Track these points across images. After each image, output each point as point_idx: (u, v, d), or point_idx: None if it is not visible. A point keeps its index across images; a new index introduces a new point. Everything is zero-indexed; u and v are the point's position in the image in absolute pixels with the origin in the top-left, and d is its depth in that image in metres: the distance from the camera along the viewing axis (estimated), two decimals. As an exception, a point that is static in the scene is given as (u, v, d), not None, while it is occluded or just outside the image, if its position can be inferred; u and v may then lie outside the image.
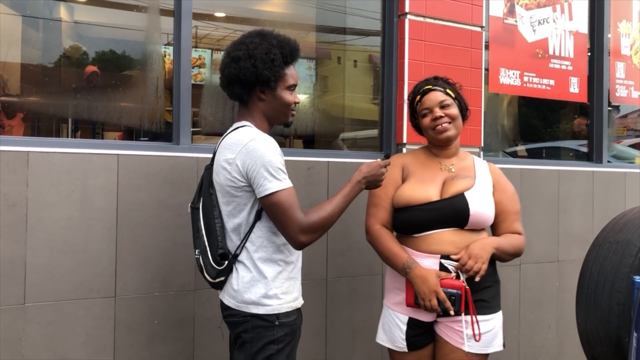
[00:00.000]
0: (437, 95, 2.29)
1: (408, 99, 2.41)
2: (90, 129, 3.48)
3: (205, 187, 2.09)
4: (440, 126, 2.26)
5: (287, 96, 2.07)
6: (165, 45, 3.22)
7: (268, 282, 1.96)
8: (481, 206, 2.20)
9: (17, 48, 3.17)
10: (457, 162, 2.34)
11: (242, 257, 1.99)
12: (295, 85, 2.10)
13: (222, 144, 2.04)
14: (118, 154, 2.50)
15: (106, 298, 2.46)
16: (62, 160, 2.39)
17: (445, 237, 2.18)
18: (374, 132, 3.55)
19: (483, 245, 2.16)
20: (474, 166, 2.34)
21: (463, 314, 2.13)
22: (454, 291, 2.12)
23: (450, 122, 2.27)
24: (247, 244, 1.98)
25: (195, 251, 2.09)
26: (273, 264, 1.99)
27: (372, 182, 2.12)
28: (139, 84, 3.21)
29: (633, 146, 5.28)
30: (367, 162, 2.13)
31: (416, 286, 2.17)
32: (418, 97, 2.34)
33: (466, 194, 2.20)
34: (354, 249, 3.09)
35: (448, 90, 2.32)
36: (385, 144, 3.36)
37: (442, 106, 2.28)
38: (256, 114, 2.07)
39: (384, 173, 2.14)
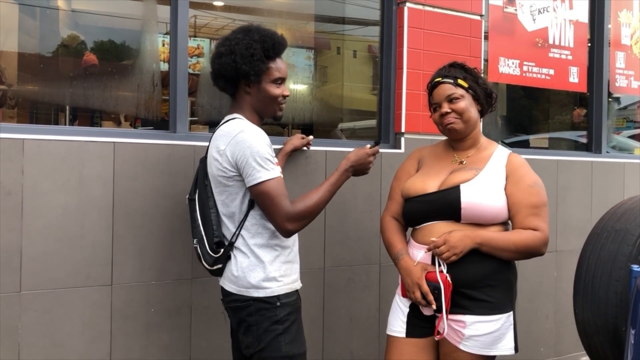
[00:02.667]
0: (445, 89, 2.21)
1: (427, 89, 2.33)
2: (89, 118, 3.47)
3: (201, 178, 2.17)
4: (446, 121, 2.21)
5: (273, 89, 2.13)
6: (165, 34, 3.20)
7: (266, 266, 2.03)
8: (477, 198, 2.10)
9: (14, 36, 3.15)
10: (475, 153, 2.25)
11: (239, 244, 2.06)
12: (282, 79, 2.15)
13: (215, 135, 2.11)
14: (114, 142, 2.49)
15: (103, 286, 2.46)
16: (58, 148, 2.38)
17: (440, 229, 2.14)
18: (372, 123, 3.54)
19: (463, 237, 2.07)
20: (490, 158, 2.22)
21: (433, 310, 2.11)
22: (438, 285, 2.06)
23: (457, 117, 2.19)
24: (243, 232, 2.06)
25: (193, 241, 2.16)
26: (269, 249, 2.06)
27: (360, 170, 2.21)
28: (135, 72, 3.19)
29: (632, 137, 5.27)
30: (356, 150, 2.20)
31: (402, 277, 2.20)
32: (430, 90, 2.30)
33: (462, 186, 2.12)
34: (352, 238, 3.09)
35: (460, 81, 2.21)
36: (384, 133, 3.34)
37: (450, 100, 2.20)
38: (245, 107, 2.14)
39: (371, 161, 2.21)
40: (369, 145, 2.21)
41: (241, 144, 1.98)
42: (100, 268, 2.45)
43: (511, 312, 2.15)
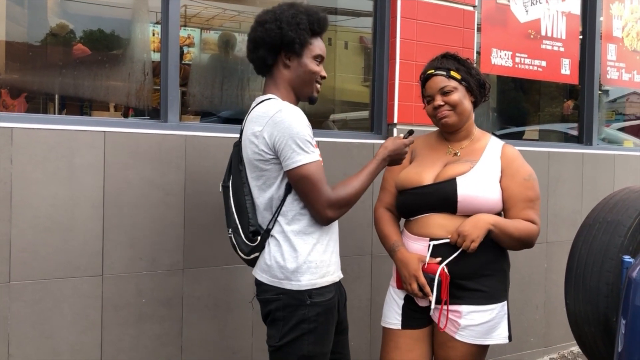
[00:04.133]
0: (437, 82, 2.19)
1: (420, 81, 2.31)
2: (79, 107, 3.43)
3: (235, 164, 2.05)
4: (439, 114, 2.19)
5: (313, 65, 2.04)
6: (155, 23, 3.17)
7: (300, 255, 1.93)
8: (473, 191, 2.10)
9: (2, 25, 3.10)
10: (468, 145, 2.24)
11: (275, 231, 1.96)
12: (322, 57, 2.08)
13: (249, 117, 1.99)
14: (105, 131, 2.46)
15: (93, 277, 2.44)
16: (48, 137, 2.35)
17: (436, 221, 2.14)
18: (365, 114, 3.53)
19: (476, 222, 2.07)
20: (484, 149, 2.22)
21: (432, 302, 2.09)
22: (435, 277, 2.06)
23: (450, 110, 2.18)
24: (279, 218, 1.95)
25: (228, 230, 2.06)
26: (307, 237, 1.95)
27: (395, 159, 2.13)
28: (126, 62, 3.16)
29: (622, 130, 5.30)
30: (392, 139, 2.13)
31: (398, 269, 2.18)
32: (423, 82, 2.27)
33: (458, 178, 2.11)
34: (344, 229, 3.06)
35: (453, 73, 2.19)
36: (376, 124, 3.33)
37: (443, 92, 2.18)
38: (281, 84, 2.03)
39: (407, 152, 2.15)
40: (402, 135, 2.16)
41: (280, 124, 1.87)
42: (90, 258, 2.43)
43: (505, 302, 2.17)
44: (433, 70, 2.22)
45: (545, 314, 3.95)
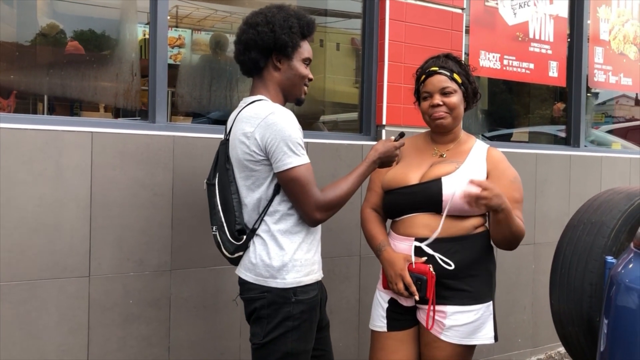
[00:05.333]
0: (440, 81, 2.18)
1: (416, 74, 2.30)
2: (67, 108, 3.42)
3: (222, 162, 2.06)
4: (436, 114, 2.19)
5: (302, 68, 2.07)
6: (146, 24, 3.17)
7: (286, 254, 1.95)
8: (458, 191, 2.08)
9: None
10: (454, 147, 2.25)
11: (260, 230, 1.98)
12: (310, 60, 2.10)
13: (239, 117, 2.00)
14: (92, 132, 2.46)
15: (80, 277, 2.43)
16: (35, 138, 2.35)
17: (422, 221, 2.15)
18: (354, 115, 3.54)
19: (501, 194, 1.98)
20: (470, 151, 2.23)
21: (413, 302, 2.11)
22: (421, 276, 2.07)
23: (447, 112, 2.18)
24: (266, 217, 1.97)
25: (212, 228, 2.07)
26: (293, 236, 1.97)
27: (386, 162, 2.14)
28: (115, 62, 3.15)
29: (611, 132, 5.34)
30: (382, 141, 2.14)
31: (384, 269, 2.19)
32: (423, 77, 2.24)
33: (443, 178, 2.13)
34: (332, 230, 3.09)
35: (455, 76, 2.19)
36: (365, 126, 3.35)
37: (444, 93, 2.18)
38: (271, 86, 2.05)
39: (397, 154, 2.15)
40: (393, 138, 2.17)
41: (272, 126, 1.88)
42: (77, 259, 2.43)
43: (491, 302, 2.18)
44: (437, 68, 2.21)
45: (532, 314, 3.98)
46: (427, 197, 2.14)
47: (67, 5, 3.38)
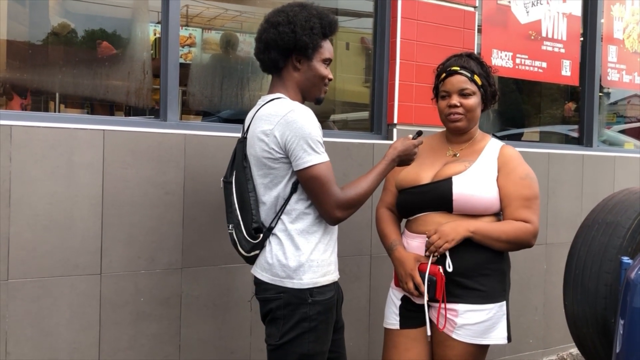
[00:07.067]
0: (460, 81, 2.16)
1: (436, 70, 2.29)
2: (79, 106, 3.44)
3: (239, 160, 2.04)
4: (452, 115, 2.18)
5: (322, 69, 2.05)
6: (157, 23, 3.17)
7: (302, 254, 1.93)
8: (468, 190, 2.10)
9: (3, 24, 3.11)
10: (468, 146, 2.24)
11: (277, 229, 1.96)
12: (330, 60, 2.08)
13: (257, 115, 1.99)
14: (104, 130, 2.46)
15: (92, 275, 2.44)
16: (47, 135, 2.35)
17: (434, 219, 2.15)
18: (365, 114, 3.53)
19: (456, 226, 2.08)
20: (482, 150, 2.21)
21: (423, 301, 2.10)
22: (431, 277, 2.06)
23: (463, 114, 2.17)
24: (283, 216, 1.95)
25: (228, 226, 2.05)
26: (310, 236, 1.96)
27: (405, 160, 2.13)
28: (126, 61, 3.16)
29: (623, 132, 5.30)
30: (401, 140, 2.12)
31: (395, 268, 2.19)
32: (444, 75, 2.22)
33: (454, 177, 2.12)
34: (343, 230, 3.05)
35: (475, 77, 2.17)
36: (376, 125, 3.33)
37: (462, 94, 2.17)
38: (290, 85, 2.04)
39: (416, 152, 2.14)
40: (411, 136, 2.15)
41: (292, 124, 1.88)
42: (89, 257, 2.43)
43: (504, 302, 2.16)
44: (458, 68, 2.19)
45: (544, 315, 3.95)
46: (437, 197, 2.14)
47: (79, 4, 3.39)
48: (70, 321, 2.39)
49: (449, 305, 2.10)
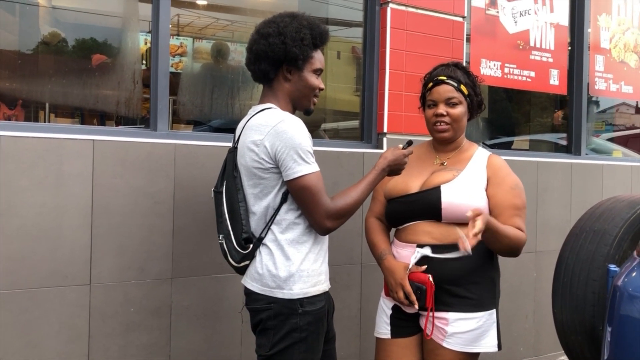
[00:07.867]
0: (446, 90, 2.18)
1: (423, 79, 2.30)
2: (69, 116, 3.43)
3: (229, 170, 2.04)
4: (438, 125, 2.20)
5: (313, 79, 2.05)
6: (147, 33, 3.18)
7: (293, 264, 1.93)
8: (457, 199, 2.11)
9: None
10: (455, 155, 2.25)
11: (267, 239, 1.96)
12: (321, 70, 2.09)
13: (248, 125, 2.00)
14: (93, 140, 2.46)
15: (81, 286, 2.43)
16: (36, 145, 2.34)
17: (423, 228, 2.16)
18: (355, 123, 3.54)
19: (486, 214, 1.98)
20: (470, 159, 2.23)
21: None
22: (420, 286, 2.07)
23: (449, 124, 2.18)
24: (273, 226, 1.95)
25: (219, 236, 2.05)
26: (300, 246, 1.95)
27: (395, 170, 2.13)
28: (116, 70, 3.16)
29: (611, 140, 5.34)
30: (391, 149, 2.13)
31: (385, 277, 2.20)
32: (430, 84, 2.24)
33: (442, 186, 2.13)
34: (333, 238, 3.05)
35: (462, 87, 2.19)
36: (366, 134, 3.35)
37: (449, 103, 2.18)
38: (280, 96, 2.04)
39: (406, 162, 2.14)
40: (401, 146, 2.16)
41: (282, 134, 1.88)
42: (78, 267, 2.42)
43: (494, 310, 2.17)
44: (445, 78, 2.21)
45: (534, 323, 3.96)
46: (426, 205, 2.15)
47: (69, 14, 3.39)
48: (59, 332, 2.38)
49: (440, 314, 2.10)
